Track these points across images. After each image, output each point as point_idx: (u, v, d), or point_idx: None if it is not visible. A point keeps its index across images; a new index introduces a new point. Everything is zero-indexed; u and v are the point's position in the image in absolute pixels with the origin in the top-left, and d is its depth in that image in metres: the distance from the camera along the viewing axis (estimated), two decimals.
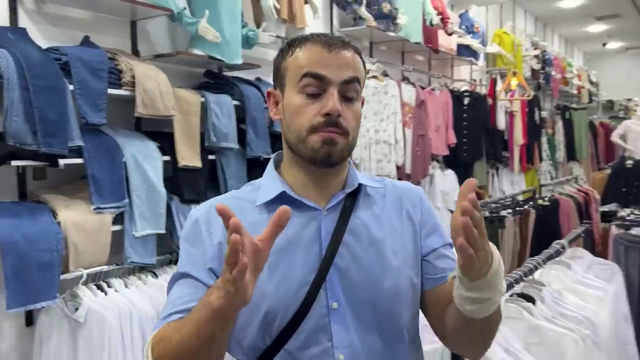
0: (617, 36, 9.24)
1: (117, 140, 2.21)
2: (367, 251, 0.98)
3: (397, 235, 1.01)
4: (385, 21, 3.83)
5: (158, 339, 0.89)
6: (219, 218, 0.78)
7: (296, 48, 0.98)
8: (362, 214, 1.01)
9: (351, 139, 0.97)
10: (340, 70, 0.95)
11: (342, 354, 0.94)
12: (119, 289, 2.13)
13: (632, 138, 7.43)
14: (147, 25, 2.62)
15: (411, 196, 1.06)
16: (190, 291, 0.94)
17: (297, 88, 0.96)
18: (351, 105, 0.97)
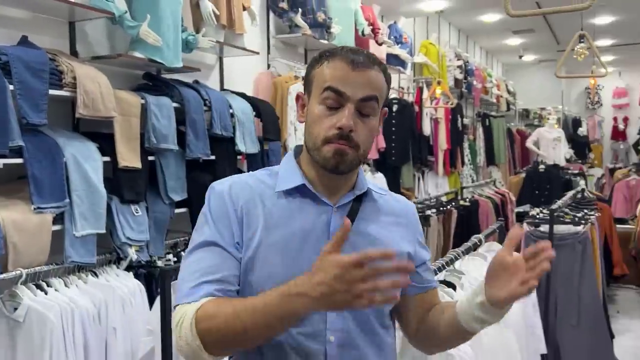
0: (532, 49, 9.92)
1: (57, 140, 2.22)
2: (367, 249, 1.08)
3: (394, 238, 1.13)
4: (319, 30, 3.99)
5: (203, 315, 0.96)
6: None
7: (325, 60, 1.08)
8: (366, 215, 1.12)
9: (362, 152, 1.07)
10: (359, 88, 1.04)
11: (332, 336, 1.05)
12: (59, 288, 2.15)
13: (544, 145, 8.04)
14: (85, 27, 2.64)
15: (407, 210, 1.20)
16: (219, 261, 1.03)
17: (319, 99, 1.06)
18: (366, 120, 1.06)
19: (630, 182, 7.12)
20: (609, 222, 4.13)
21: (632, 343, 4.16)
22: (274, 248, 1.05)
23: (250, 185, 1.11)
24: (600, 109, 12.92)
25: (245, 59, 3.65)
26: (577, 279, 2.89)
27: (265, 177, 1.14)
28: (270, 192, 1.11)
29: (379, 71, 1.08)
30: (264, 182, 1.13)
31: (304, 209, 1.08)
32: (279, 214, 1.07)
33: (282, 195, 1.10)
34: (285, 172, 1.13)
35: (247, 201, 1.09)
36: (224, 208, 1.07)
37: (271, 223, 1.07)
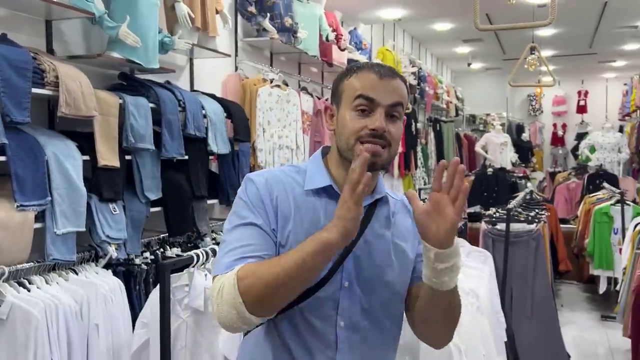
0: (480, 58, 10.38)
1: (38, 139, 2.23)
2: (380, 248, 1.21)
3: (403, 240, 1.25)
4: (286, 34, 4.09)
5: (245, 272, 1.06)
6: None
7: (353, 74, 1.21)
8: (381, 217, 1.24)
9: (392, 151, 1.19)
10: (387, 95, 1.17)
11: (343, 321, 1.18)
12: (40, 286, 2.16)
13: (492, 149, 8.43)
14: (62, 26, 2.64)
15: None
16: (262, 241, 1.13)
17: (351, 106, 1.18)
18: (395, 123, 1.19)
19: (570, 185, 7.58)
20: (555, 221, 4.43)
21: (575, 333, 4.48)
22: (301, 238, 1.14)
23: (283, 180, 1.23)
24: (541, 116, 13.63)
25: (214, 61, 3.71)
26: (531, 274, 3.12)
27: (294, 174, 1.25)
28: (299, 189, 1.21)
29: (401, 81, 1.22)
30: (293, 178, 1.24)
31: (328, 208, 1.19)
32: (306, 210, 1.19)
33: (310, 193, 1.21)
34: (313, 172, 1.24)
35: (280, 193, 1.20)
36: (261, 196, 1.18)
37: (300, 218, 1.18)
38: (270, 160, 3.78)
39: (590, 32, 8.21)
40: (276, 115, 3.84)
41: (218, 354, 1.78)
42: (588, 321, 4.93)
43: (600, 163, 7.67)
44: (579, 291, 5.87)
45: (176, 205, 2.93)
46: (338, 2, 5.22)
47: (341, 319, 1.18)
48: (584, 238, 5.16)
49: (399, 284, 1.24)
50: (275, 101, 3.83)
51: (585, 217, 5.23)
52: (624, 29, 7.81)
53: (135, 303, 2.54)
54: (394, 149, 1.19)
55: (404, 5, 5.77)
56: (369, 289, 1.20)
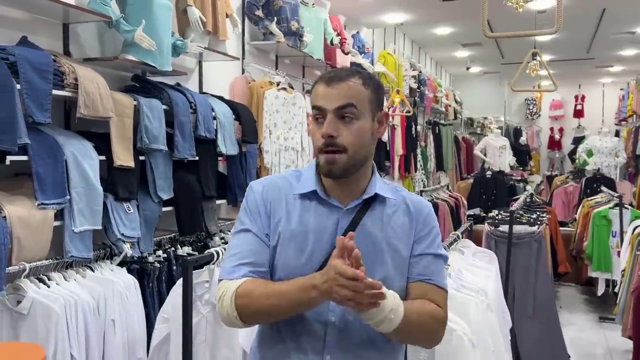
0: (478, 62, 10.47)
1: (57, 139, 2.28)
2: (367, 246, 1.23)
3: (398, 239, 1.27)
4: (293, 38, 4.16)
5: (241, 293, 1.20)
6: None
7: (314, 86, 1.30)
8: (372, 217, 1.27)
9: (352, 153, 1.22)
10: (333, 100, 1.22)
11: (334, 316, 1.25)
12: (59, 282, 2.21)
13: (491, 152, 8.51)
14: (78, 29, 2.70)
15: (418, 208, 1.32)
16: (253, 247, 1.26)
17: (312, 117, 1.27)
18: (349, 124, 1.22)
19: (567, 188, 7.66)
20: (555, 224, 4.51)
21: (574, 334, 4.56)
22: (292, 242, 1.26)
23: (279, 186, 1.33)
24: (538, 120, 13.75)
25: (222, 64, 3.77)
26: (533, 275, 3.19)
27: (292, 179, 1.34)
28: (291, 192, 1.30)
29: (359, 79, 1.25)
30: (290, 183, 1.33)
31: (317, 211, 1.28)
32: (297, 213, 1.28)
33: (298, 198, 1.29)
34: (305, 177, 1.32)
35: (274, 198, 1.31)
36: (257, 204, 1.30)
37: (290, 220, 1.28)
38: (276, 161, 3.85)
39: (588, 38, 8.32)
40: (282, 118, 3.91)
41: (237, 348, 1.84)
42: (586, 322, 5.00)
43: (598, 167, 7.75)
44: (577, 293, 5.95)
45: (187, 204, 2.99)
46: (342, 6, 5.30)
47: (332, 315, 1.25)
48: (582, 241, 5.24)
49: (394, 284, 1.24)
50: (281, 104, 3.90)
51: (584, 220, 5.31)
52: (621, 34, 7.91)
53: (149, 300, 2.60)
54: (352, 151, 1.22)
55: (407, 10, 5.86)
56: None
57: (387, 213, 1.30)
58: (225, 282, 1.25)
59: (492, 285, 2.06)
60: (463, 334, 1.51)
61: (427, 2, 5.55)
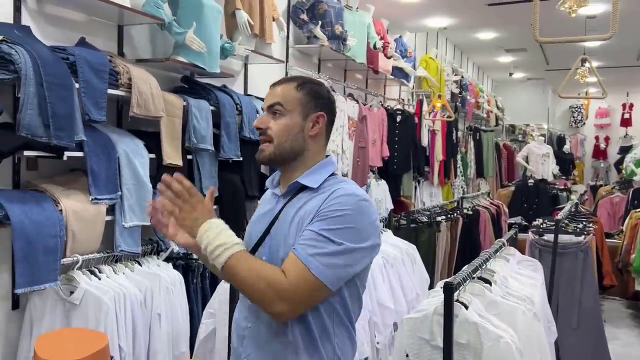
0: (522, 67, 10.27)
1: (110, 137, 2.37)
2: (281, 228, 1.39)
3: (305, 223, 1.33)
4: (336, 42, 4.18)
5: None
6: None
7: None
8: (293, 203, 1.40)
9: (277, 144, 1.40)
10: (268, 99, 1.44)
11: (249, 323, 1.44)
12: (109, 275, 2.29)
13: (533, 160, 8.34)
14: (131, 31, 2.79)
15: (336, 195, 1.33)
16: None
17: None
18: (277, 119, 1.42)
19: (613, 199, 7.43)
20: (601, 235, 4.38)
21: (620, 350, 4.41)
22: (250, 225, 1.51)
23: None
24: (582, 128, 13.37)
25: (266, 66, 3.82)
26: (579, 286, 3.11)
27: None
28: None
29: (291, 85, 1.44)
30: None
31: (268, 199, 1.51)
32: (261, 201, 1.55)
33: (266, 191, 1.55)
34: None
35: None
36: None
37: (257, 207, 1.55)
38: None
39: (638, 45, 8.06)
40: None
41: None
42: (632, 337, 4.84)
43: None
44: (623, 307, 5.76)
45: (231, 203, 3.04)
46: (385, 10, 5.29)
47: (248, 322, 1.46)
48: (630, 253, 5.08)
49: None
50: None
51: (632, 232, 5.14)
52: None
53: (192, 296, 2.66)
54: (278, 143, 1.40)
55: (450, 14, 5.80)
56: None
57: (304, 200, 1.39)
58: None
59: (538, 294, 2.03)
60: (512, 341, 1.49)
61: (472, 6, 5.49)
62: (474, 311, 1.56)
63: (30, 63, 1.96)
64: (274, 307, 1.25)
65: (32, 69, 1.96)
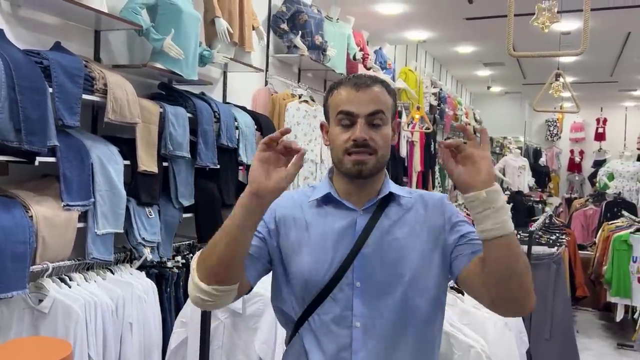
0: (500, 81, 10.45)
1: (84, 142, 2.33)
2: (391, 247, 1.24)
3: (416, 236, 1.26)
4: (316, 52, 4.21)
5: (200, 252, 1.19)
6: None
7: (334, 90, 1.29)
8: (390, 216, 1.28)
9: (380, 156, 1.25)
10: (364, 105, 1.23)
11: (358, 322, 1.22)
12: (80, 283, 2.25)
13: (510, 172, 8.46)
14: (109, 36, 2.77)
15: (435, 201, 1.32)
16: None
17: (336, 122, 1.27)
18: (379, 130, 1.25)
19: (587, 211, 7.57)
20: (573, 246, 4.45)
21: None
22: (309, 246, 1.26)
23: (294, 197, 1.36)
24: (558, 141, 13.62)
25: (246, 75, 3.82)
26: (551, 296, 3.15)
27: (307, 191, 1.38)
28: (306, 202, 1.33)
29: (382, 88, 1.27)
30: (304, 193, 1.37)
31: (334, 214, 1.29)
32: (313, 218, 1.30)
33: (314, 204, 1.32)
34: (319, 186, 1.35)
35: (287, 208, 1.32)
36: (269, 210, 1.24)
37: (308, 225, 1.29)
38: None
39: (612, 61, 8.26)
40: (303, 130, 3.94)
41: (254, 355, 1.85)
42: (604, 348, 4.91)
43: (619, 191, 7.65)
44: (595, 318, 5.85)
45: (207, 212, 3.02)
46: (366, 22, 5.35)
47: (356, 320, 1.22)
48: (602, 265, 5.16)
49: (422, 282, 1.24)
50: (302, 116, 3.93)
51: (604, 244, 5.23)
52: None
53: (166, 305, 2.63)
54: (381, 155, 1.25)
55: (429, 27, 5.88)
56: (383, 289, 1.22)
57: (404, 211, 1.29)
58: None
59: None
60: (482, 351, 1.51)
61: (450, 20, 5.57)
62: (446, 321, 1.57)
63: (2, 66, 1.93)
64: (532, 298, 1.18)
65: (4, 72, 1.93)
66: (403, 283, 1.23)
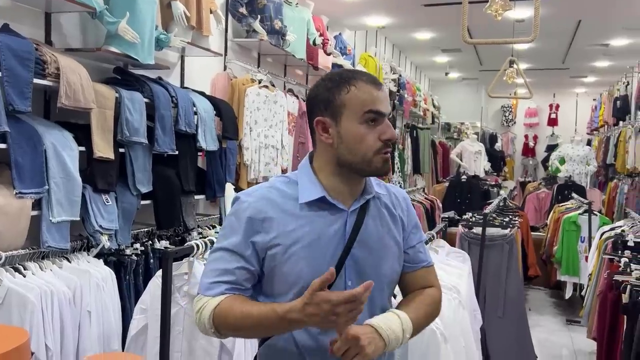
0: (457, 67, 10.63)
1: (37, 128, 2.27)
2: (374, 244, 1.30)
3: (392, 232, 1.34)
4: (275, 36, 4.18)
5: (219, 313, 1.21)
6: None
7: (351, 87, 1.24)
8: (371, 214, 1.31)
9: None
10: (387, 104, 1.27)
11: None
12: (35, 272, 2.20)
13: (467, 157, 8.66)
14: (60, 18, 2.68)
15: (400, 201, 1.40)
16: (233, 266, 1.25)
17: (360, 120, 1.23)
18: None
19: (540, 194, 7.84)
20: (526, 228, 4.62)
21: (542, 336, 4.68)
22: (300, 252, 1.24)
23: (271, 199, 1.28)
24: (513, 127, 14.00)
25: (204, 59, 3.77)
26: (504, 276, 3.28)
27: (284, 187, 1.30)
28: (292, 202, 1.27)
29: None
30: (284, 192, 1.29)
31: (323, 216, 1.27)
32: (302, 222, 1.25)
33: (305, 206, 1.26)
34: (305, 184, 1.29)
35: (268, 213, 1.26)
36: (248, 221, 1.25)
37: (295, 230, 1.24)
38: (256, 158, 3.87)
39: (563, 48, 8.52)
40: (263, 115, 3.93)
41: (215, 339, 1.86)
42: (554, 324, 5.14)
43: (569, 174, 7.95)
44: (546, 296, 6.10)
45: (165, 199, 2.99)
46: (325, 7, 5.34)
47: None
48: (552, 245, 5.38)
49: (395, 273, 1.35)
50: (262, 101, 3.92)
51: (555, 226, 5.45)
52: (595, 46, 8.13)
53: (125, 293, 2.60)
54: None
55: (388, 13, 5.92)
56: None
57: (381, 209, 1.34)
58: (203, 298, 1.25)
59: (464, 284, 2.13)
60: (436, 328, 1.56)
61: (409, 6, 5.63)
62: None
63: None
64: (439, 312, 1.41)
65: None
66: (384, 277, 1.31)
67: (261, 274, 1.28)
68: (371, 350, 1.15)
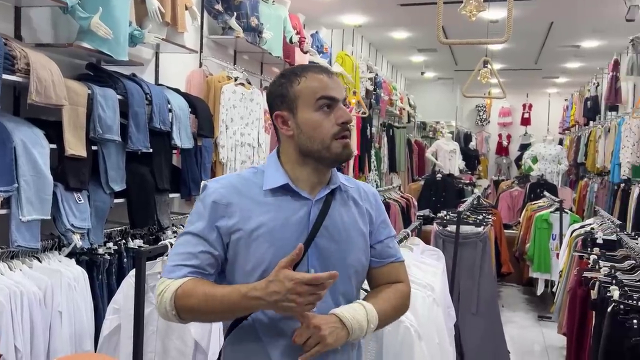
0: (433, 67, 10.73)
1: (6, 125, 2.22)
2: (339, 234, 1.31)
3: (357, 224, 1.36)
4: (252, 34, 4.16)
5: (181, 294, 1.21)
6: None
7: (302, 78, 1.30)
8: (336, 205, 1.33)
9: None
10: (339, 90, 1.31)
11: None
12: (4, 272, 2.15)
13: (442, 156, 8.75)
14: (31, 13, 2.62)
15: (369, 196, 1.42)
16: (197, 250, 1.27)
17: (314, 107, 1.28)
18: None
19: (513, 192, 7.98)
20: (499, 226, 4.70)
21: (514, 332, 4.76)
22: (263, 237, 1.26)
23: (236, 186, 1.32)
24: (487, 126, 14.20)
25: (179, 56, 3.73)
26: (478, 273, 3.32)
27: (251, 176, 1.34)
28: (257, 190, 1.31)
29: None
30: (250, 180, 1.33)
31: (288, 203, 1.29)
32: (266, 208, 1.28)
33: (269, 193, 1.30)
34: (271, 172, 1.32)
35: (233, 201, 1.29)
36: (212, 206, 1.29)
37: (259, 215, 1.27)
38: (232, 156, 3.84)
39: (536, 49, 8.67)
40: (239, 113, 3.91)
41: (189, 339, 1.85)
42: (526, 320, 5.24)
43: (542, 173, 8.10)
44: (519, 293, 6.21)
45: (139, 197, 2.95)
46: (302, 5, 5.33)
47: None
48: (525, 243, 5.48)
49: (360, 265, 1.36)
50: (238, 99, 3.90)
51: (527, 223, 5.55)
52: (567, 47, 8.29)
53: (97, 292, 2.56)
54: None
55: (365, 12, 5.95)
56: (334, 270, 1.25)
57: (348, 200, 1.36)
58: (165, 280, 1.26)
59: (438, 282, 2.15)
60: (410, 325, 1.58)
61: (385, 5, 5.65)
62: None
63: None
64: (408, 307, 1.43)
65: None
66: (349, 266, 1.32)
67: (224, 261, 1.30)
68: (332, 339, 1.18)
